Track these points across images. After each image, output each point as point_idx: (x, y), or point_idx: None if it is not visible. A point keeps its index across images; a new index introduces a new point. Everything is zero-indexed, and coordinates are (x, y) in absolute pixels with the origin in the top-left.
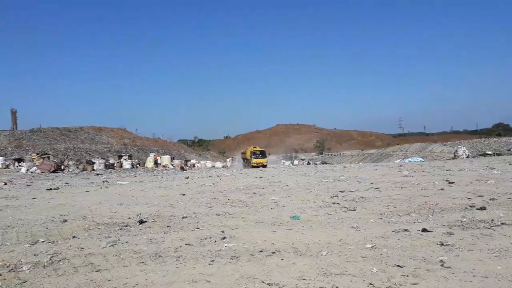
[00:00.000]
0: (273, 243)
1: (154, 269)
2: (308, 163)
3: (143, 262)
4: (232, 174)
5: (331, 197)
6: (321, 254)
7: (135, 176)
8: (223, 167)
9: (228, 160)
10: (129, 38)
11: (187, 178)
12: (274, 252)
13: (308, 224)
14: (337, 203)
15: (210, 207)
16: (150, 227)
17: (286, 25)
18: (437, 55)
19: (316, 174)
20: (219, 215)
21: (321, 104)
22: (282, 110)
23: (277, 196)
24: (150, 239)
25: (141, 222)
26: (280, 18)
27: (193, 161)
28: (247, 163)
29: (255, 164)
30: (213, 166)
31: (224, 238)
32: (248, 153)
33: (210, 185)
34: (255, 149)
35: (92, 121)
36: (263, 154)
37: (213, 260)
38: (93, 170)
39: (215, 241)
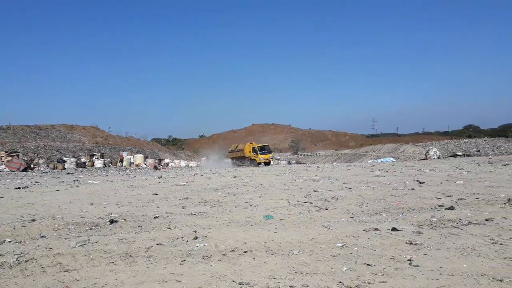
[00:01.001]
0: (245, 243)
1: (124, 269)
2: (289, 163)
3: (113, 262)
4: (207, 173)
5: (304, 196)
6: (293, 253)
7: (107, 175)
8: (197, 166)
9: (203, 159)
10: (102, 33)
11: (160, 177)
12: (246, 252)
13: (280, 223)
14: (310, 203)
15: (183, 207)
16: (121, 226)
17: (261, 24)
18: (409, 57)
19: (290, 174)
20: (192, 214)
21: (296, 104)
22: (258, 109)
23: (251, 195)
24: (121, 239)
25: (112, 221)
26: (256, 16)
27: (167, 160)
28: (243, 161)
29: (263, 161)
30: (188, 166)
31: (196, 237)
32: (247, 150)
33: (184, 185)
34: (253, 145)
35: (64, 119)
36: (268, 149)
37: (184, 260)
38: (64, 168)
39: (187, 241)
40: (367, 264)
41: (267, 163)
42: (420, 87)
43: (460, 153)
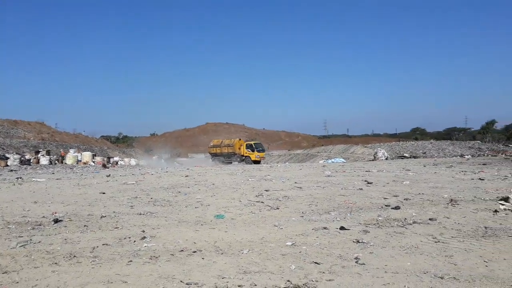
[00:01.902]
0: (194, 242)
1: (67, 270)
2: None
3: (56, 263)
4: (157, 172)
5: (256, 196)
6: (242, 253)
7: (53, 173)
8: (148, 165)
9: (154, 157)
10: (49, 26)
11: (109, 176)
12: (195, 252)
13: (231, 223)
14: (262, 202)
15: (132, 206)
16: (65, 226)
17: (218, 23)
18: (360, 61)
19: (243, 173)
20: (140, 214)
21: (250, 104)
22: (212, 108)
23: (202, 195)
24: (65, 239)
25: (56, 221)
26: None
27: (116, 158)
28: (230, 158)
29: (258, 159)
30: (138, 164)
31: (144, 237)
32: (237, 146)
33: (133, 184)
34: (242, 142)
35: (7, 113)
36: (262, 147)
37: (131, 261)
38: (7, 165)
39: (135, 241)
40: (315, 263)
41: (257, 162)
42: (370, 90)
43: (407, 155)
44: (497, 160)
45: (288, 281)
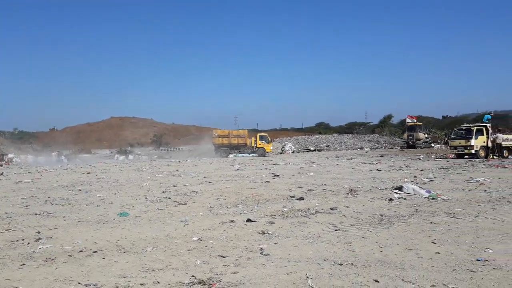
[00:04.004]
0: (95, 242)
1: None
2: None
3: None
4: (56, 169)
5: (163, 192)
6: (146, 250)
7: None
8: (47, 162)
9: (53, 154)
10: None
11: (1, 174)
12: (95, 252)
13: (136, 220)
14: (169, 198)
15: (26, 206)
16: None
17: (120, 17)
18: (268, 56)
19: (150, 169)
20: (36, 214)
21: (159, 98)
22: (117, 102)
23: (105, 192)
24: None
25: None
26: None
27: (11, 155)
28: (240, 149)
29: (271, 150)
30: (36, 161)
31: (39, 239)
32: (246, 137)
33: (29, 182)
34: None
35: None
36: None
37: (23, 264)
38: None
39: (29, 243)
40: (221, 256)
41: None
42: (278, 85)
43: (312, 148)
44: (393, 152)
45: (193, 276)
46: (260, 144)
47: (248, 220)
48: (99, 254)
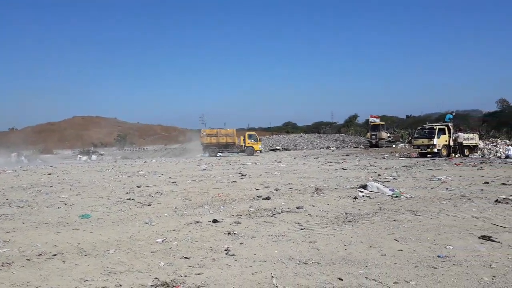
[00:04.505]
0: (55, 245)
1: None
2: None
3: None
4: (16, 170)
5: (127, 193)
6: (108, 253)
7: None
8: (5, 163)
9: (13, 155)
10: None
11: None
12: (55, 255)
13: (98, 222)
14: (133, 199)
15: None
16: None
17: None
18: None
19: (114, 170)
20: None
21: (123, 97)
22: (80, 101)
23: (66, 194)
24: None
25: None
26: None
27: None
28: (229, 148)
29: (261, 149)
30: None
31: None
32: (236, 136)
33: None
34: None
35: None
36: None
37: None
38: None
39: None
40: (186, 257)
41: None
42: (245, 84)
43: (279, 147)
44: (359, 151)
45: (156, 278)
46: (249, 143)
47: (214, 221)
48: (59, 258)
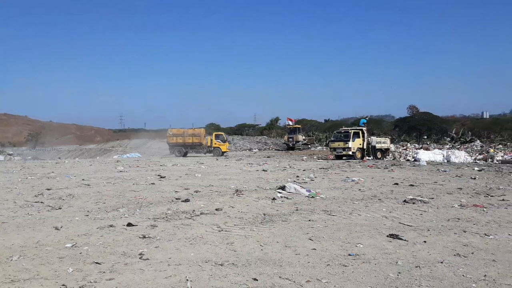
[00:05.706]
0: None
1: None
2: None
3: None
4: None
5: (35, 196)
6: (12, 260)
7: None
8: None
9: None
10: None
11: None
12: None
13: (1, 227)
14: (42, 202)
15: None
16: None
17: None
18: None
19: (22, 171)
20: None
21: (34, 94)
22: None
23: None
24: None
25: None
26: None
27: None
28: (196, 148)
29: (229, 150)
30: None
31: None
32: (202, 136)
33: None
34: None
35: None
36: (226, 138)
37: None
38: None
39: None
40: (96, 263)
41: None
42: (166, 84)
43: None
44: (280, 153)
45: (64, 285)
46: (216, 144)
47: (129, 224)
48: None
